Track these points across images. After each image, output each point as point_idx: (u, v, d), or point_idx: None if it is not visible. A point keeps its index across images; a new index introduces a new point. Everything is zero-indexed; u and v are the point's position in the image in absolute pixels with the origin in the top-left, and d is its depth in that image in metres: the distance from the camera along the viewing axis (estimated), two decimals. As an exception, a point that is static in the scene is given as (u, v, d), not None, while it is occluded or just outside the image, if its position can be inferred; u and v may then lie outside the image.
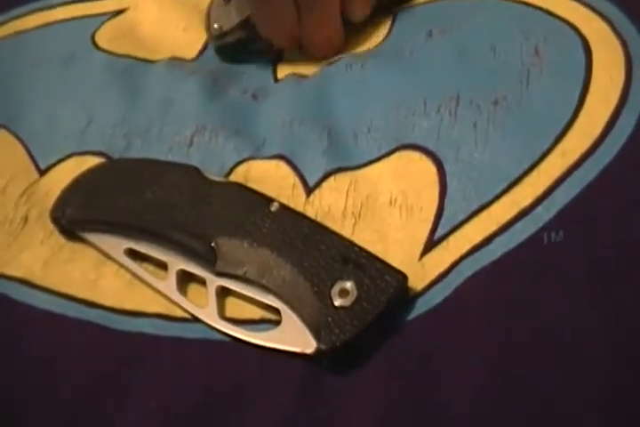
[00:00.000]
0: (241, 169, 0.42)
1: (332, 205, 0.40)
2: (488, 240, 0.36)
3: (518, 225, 0.36)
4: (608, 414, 0.31)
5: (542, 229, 0.36)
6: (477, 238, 0.36)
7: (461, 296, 0.35)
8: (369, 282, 0.35)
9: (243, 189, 0.40)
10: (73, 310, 0.39)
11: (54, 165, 0.45)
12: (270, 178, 0.41)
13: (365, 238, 0.38)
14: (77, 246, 0.41)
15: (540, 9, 0.43)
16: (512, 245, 0.36)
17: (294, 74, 0.46)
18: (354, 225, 0.39)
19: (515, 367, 0.33)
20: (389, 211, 0.39)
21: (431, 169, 0.39)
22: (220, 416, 0.35)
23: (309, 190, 0.40)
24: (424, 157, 0.40)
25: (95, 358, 0.37)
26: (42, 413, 0.36)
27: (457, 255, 0.36)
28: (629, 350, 0.32)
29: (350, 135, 0.42)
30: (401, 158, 0.40)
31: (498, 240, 0.36)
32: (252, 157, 0.42)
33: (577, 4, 0.43)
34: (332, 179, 0.40)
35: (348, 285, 0.35)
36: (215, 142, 0.43)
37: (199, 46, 0.49)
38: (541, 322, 0.33)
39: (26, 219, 0.43)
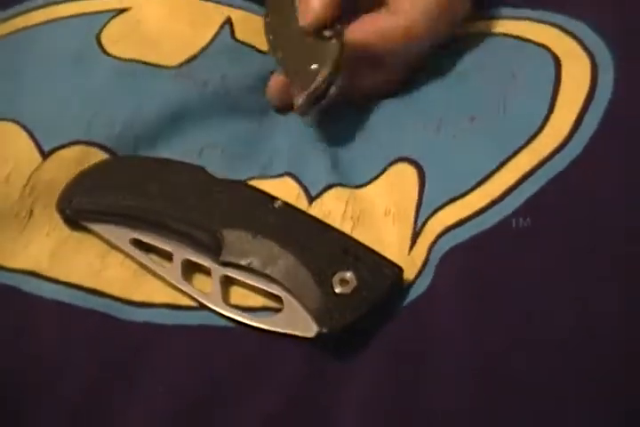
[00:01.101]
0: None
1: (332, 210, 0.42)
2: (460, 223, 0.39)
3: (489, 212, 0.39)
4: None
5: (511, 215, 0.38)
6: (450, 221, 0.39)
7: (438, 274, 0.38)
8: (367, 274, 0.38)
9: (248, 187, 0.42)
10: (80, 300, 0.40)
11: (58, 148, 0.44)
12: (275, 189, 0.43)
13: (362, 241, 0.40)
14: (83, 237, 0.42)
15: (518, 38, 0.46)
16: (483, 227, 0.38)
17: None
18: (352, 228, 0.41)
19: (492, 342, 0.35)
20: (384, 220, 0.41)
21: (413, 174, 0.42)
22: (227, 400, 0.36)
23: (312, 199, 0.43)
24: (409, 166, 0.43)
25: (104, 348, 0.39)
26: (52, 402, 0.37)
27: (432, 238, 0.39)
28: (599, 335, 0.34)
29: (352, 158, 0.45)
30: (394, 172, 0.43)
31: (469, 224, 0.39)
32: (259, 177, 0.44)
33: (550, 27, 0.46)
34: (333, 190, 0.43)
35: (348, 275, 0.38)
36: (223, 162, 0.45)
37: (203, 43, 0.50)
38: (508, 292, 0.36)
39: (31, 212, 0.43)
